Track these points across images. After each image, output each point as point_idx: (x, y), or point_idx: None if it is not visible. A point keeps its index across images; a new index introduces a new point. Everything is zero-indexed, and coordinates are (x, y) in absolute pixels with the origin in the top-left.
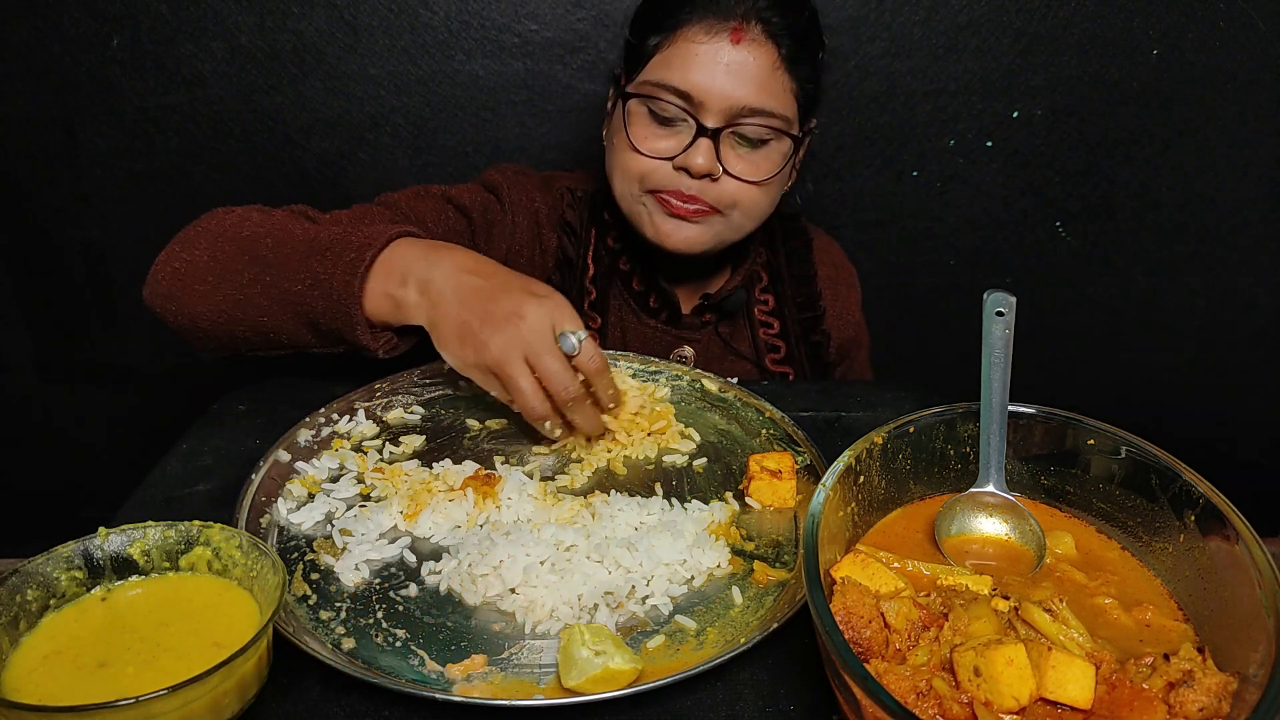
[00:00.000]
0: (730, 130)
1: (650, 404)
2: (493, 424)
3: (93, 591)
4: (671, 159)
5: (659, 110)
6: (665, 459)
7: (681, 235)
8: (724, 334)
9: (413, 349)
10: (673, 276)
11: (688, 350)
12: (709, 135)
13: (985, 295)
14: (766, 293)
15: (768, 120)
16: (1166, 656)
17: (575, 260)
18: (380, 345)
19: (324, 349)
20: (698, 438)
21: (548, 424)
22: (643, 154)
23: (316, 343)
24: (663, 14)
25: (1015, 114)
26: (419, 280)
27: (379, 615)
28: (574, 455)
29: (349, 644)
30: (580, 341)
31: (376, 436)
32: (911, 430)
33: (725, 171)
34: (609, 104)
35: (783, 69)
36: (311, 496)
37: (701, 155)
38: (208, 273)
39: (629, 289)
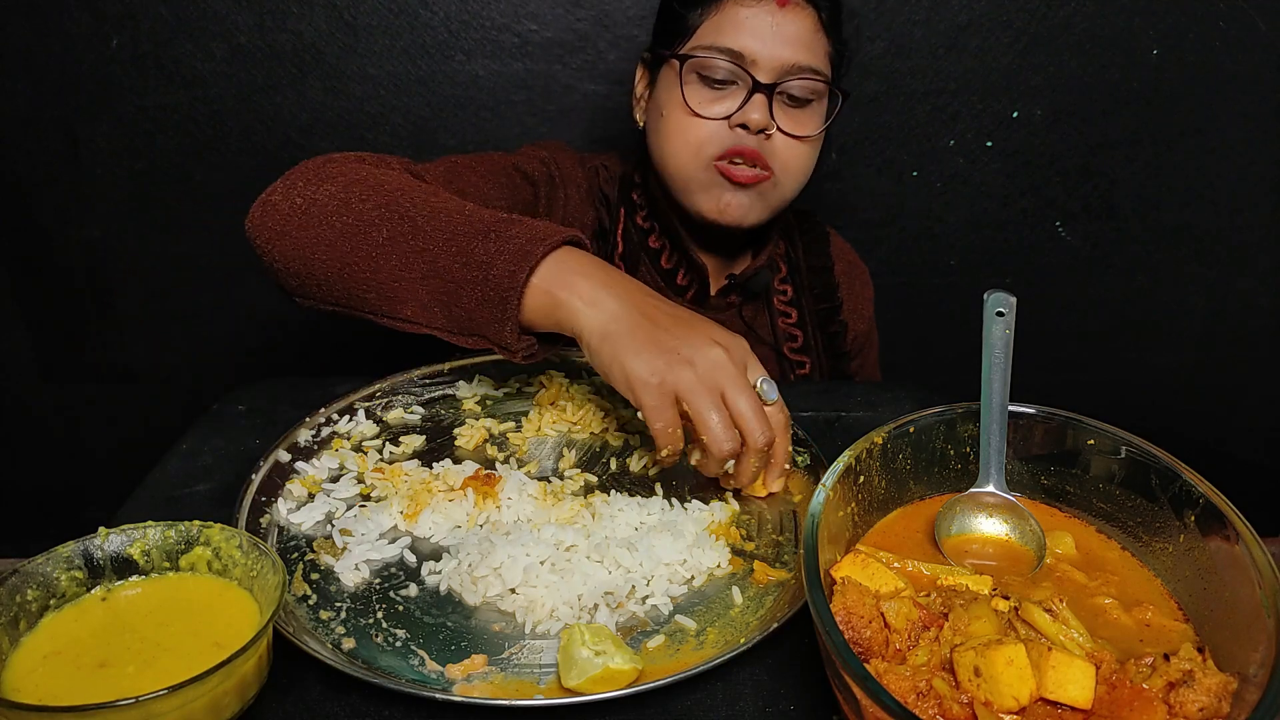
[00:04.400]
0: (780, 88)
1: None
2: (494, 426)
3: (93, 591)
4: (727, 118)
5: (711, 74)
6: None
7: (742, 206)
8: (746, 317)
9: (414, 350)
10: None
11: None
12: (764, 91)
13: (985, 295)
14: (785, 283)
15: (814, 77)
16: (1166, 656)
17: (609, 234)
18: (522, 347)
19: (448, 334)
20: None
21: (728, 464)
22: (702, 117)
23: (444, 325)
24: None
25: (1015, 114)
26: (589, 290)
27: (379, 615)
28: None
29: (349, 644)
30: (777, 391)
31: (376, 436)
32: (911, 430)
33: (778, 128)
34: (639, 86)
35: (822, 32)
36: (311, 496)
37: (757, 110)
38: (335, 217)
39: (657, 266)
